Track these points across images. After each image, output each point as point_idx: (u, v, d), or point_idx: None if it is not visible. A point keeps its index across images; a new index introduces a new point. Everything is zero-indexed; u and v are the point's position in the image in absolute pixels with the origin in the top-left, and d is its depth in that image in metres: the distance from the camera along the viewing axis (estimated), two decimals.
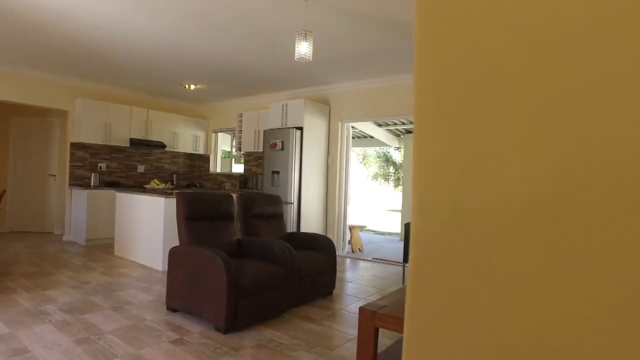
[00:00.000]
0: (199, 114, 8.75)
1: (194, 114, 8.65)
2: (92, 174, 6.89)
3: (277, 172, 6.08)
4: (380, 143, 10.16)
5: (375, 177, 19.43)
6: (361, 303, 3.91)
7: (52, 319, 3.14)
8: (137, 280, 4.37)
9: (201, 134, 8.46)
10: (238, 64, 5.53)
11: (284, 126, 6.24)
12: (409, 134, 9.45)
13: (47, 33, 4.51)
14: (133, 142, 7.13)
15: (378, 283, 4.83)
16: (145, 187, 7.13)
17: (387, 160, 19.11)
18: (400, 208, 19.47)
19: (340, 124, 6.55)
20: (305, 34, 3.34)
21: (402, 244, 8.83)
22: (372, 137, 9.66)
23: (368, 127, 8.68)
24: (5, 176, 7.34)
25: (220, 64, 5.54)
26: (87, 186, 6.64)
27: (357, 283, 4.78)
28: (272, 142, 6.15)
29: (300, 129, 6.05)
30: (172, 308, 3.39)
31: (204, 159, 8.69)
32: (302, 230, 5.99)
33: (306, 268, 3.74)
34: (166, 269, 4.82)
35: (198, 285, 3.09)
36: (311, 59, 3.42)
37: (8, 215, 7.31)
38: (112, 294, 3.83)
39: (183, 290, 3.22)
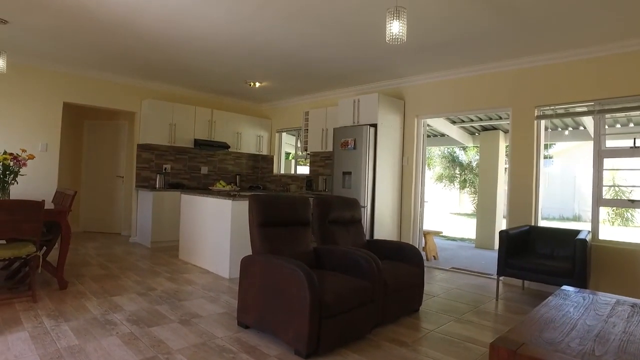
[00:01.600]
0: (262, 113, 8.52)
1: (258, 114, 8.42)
2: (158, 175, 6.82)
3: (349, 173, 5.62)
4: (453, 142, 9.41)
5: (439, 178, 18.44)
6: (455, 323, 3.35)
7: (120, 330, 2.88)
8: (203, 289, 4.07)
9: (264, 134, 8.21)
10: (309, 58, 5.13)
11: (355, 123, 5.77)
12: (486, 132, 8.63)
13: (115, 33, 4.36)
14: (197, 142, 6.98)
15: (467, 298, 4.22)
16: (210, 189, 6.96)
17: (453, 160, 18.05)
18: (470, 212, 18.44)
19: (416, 120, 5.98)
20: (398, 11, 2.85)
21: (478, 252, 8.08)
22: (444, 135, 8.95)
23: (442, 125, 8.01)
24: (79, 178, 7.48)
25: (290, 59, 5.18)
26: (152, 188, 6.56)
27: (443, 297, 4.19)
28: (343, 140, 5.70)
29: (374, 126, 5.55)
30: (244, 324, 3.01)
31: (268, 159, 8.43)
32: (376, 237, 5.48)
33: (392, 282, 3.24)
34: (233, 276, 4.55)
35: (275, 300, 2.69)
36: (405, 40, 2.91)
37: (81, 216, 7.44)
38: (179, 304, 3.54)
39: (257, 305, 2.83)
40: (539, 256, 4.30)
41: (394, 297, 3.27)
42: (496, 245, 8.62)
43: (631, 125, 6.70)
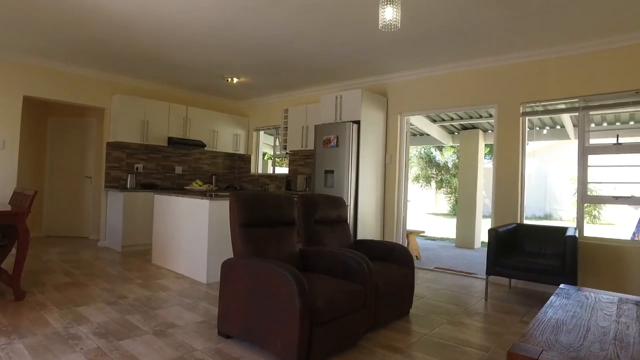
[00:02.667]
0: (239, 111, 8.23)
1: (235, 111, 8.13)
2: (129, 175, 6.44)
3: (331, 172, 5.42)
4: (432, 141, 9.35)
5: (416, 179, 18.50)
6: (447, 325, 3.19)
7: (85, 346, 2.57)
8: (179, 295, 3.79)
9: (242, 133, 7.92)
10: (289, 52, 4.91)
11: (338, 120, 5.58)
12: (466, 131, 8.61)
13: (82, 20, 4.02)
14: (171, 141, 6.65)
15: (456, 299, 4.08)
16: (186, 189, 6.65)
17: (430, 161, 18.12)
18: (446, 212, 18.54)
19: (399, 117, 5.84)
20: None
21: (459, 251, 8.02)
22: (426, 134, 8.87)
23: (422, 123, 7.92)
24: (42, 178, 7.00)
25: (270, 52, 4.94)
26: (123, 188, 6.18)
27: (432, 299, 4.04)
28: (325, 138, 5.50)
29: (357, 123, 5.37)
30: (225, 334, 2.76)
31: (245, 159, 8.15)
32: (359, 237, 5.30)
33: (384, 284, 3.05)
34: (211, 281, 4.27)
35: (261, 308, 2.45)
36: (399, 26, 2.74)
37: (45, 219, 6.97)
38: (153, 313, 3.25)
39: (241, 313, 2.59)
40: (528, 254, 4.20)
41: (386, 301, 3.09)
42: (477, 245, 8.61)
43: (618, 124, 6.77)
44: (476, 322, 3.39)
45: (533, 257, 4.08)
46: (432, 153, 18.20)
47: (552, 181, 16.68)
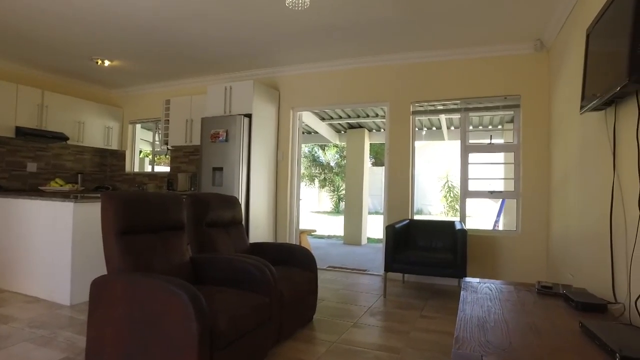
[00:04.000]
0: (112, 100, 7.20)
1: (106, 100, 7.08)
2: None
3: (220, 169, 4.96)
4: (321, 139, 9.37)
5: (301, 177, 18.65)
6: (354, 329, 3.02)
7: None
8: (30, 326, 2.98)
9: (115, 125, 6.94)
10: (173, 35, 4.33)
11: (227, 113, 5.14)
12: (353, 130, 8.79)
13: None
14: (21, 131, 5.47)
15: (355, 298, 4.00)
16: (42, 189, 5.54)
17: (314, 160, 18.41)
18: (329, 210, 18.98)
19: (291, 112, 5.62)
20: None
21: (348, 248, 8.12)
22: (314, 132, 8.84)
23: (311, 121, 7.84)
24: None
25: (151, 34, 4.30)
26: None
27: (332, 301, 3.89)
28: (213, 131, 5.01)
29: (249, 116, 5.00)
30: None
31: (118, 155, 7.16)
32: (252, 239, 4.95)
33: (289, 292, 2.78)
34: (77, 302, 3.52)
35: (145, 336, 1.98)
36: (308, 4, 2.47)
37: None
38: None
39: (119, 342, 2.07)
40: (421, 249, 4.32)
41: (291, 309, 2.81)
42: (363, 241, 8.85)
43: (490, 127, 7.48)
44: (380, 321, 3.31)
45: (427, 251, 4.19)
46: (316, 152, 18.51)
47: (422, 179, 18.11)
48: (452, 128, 8.05)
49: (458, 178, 4.82)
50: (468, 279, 2.68)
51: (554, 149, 4.11)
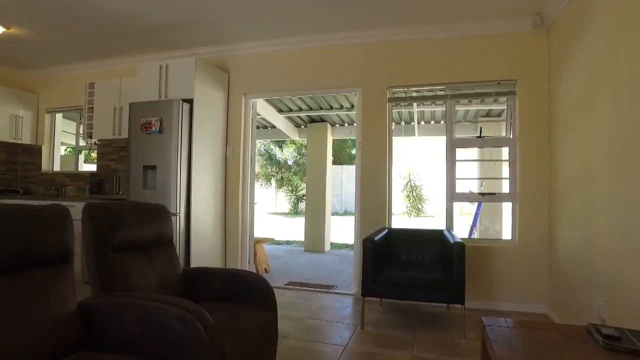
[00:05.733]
0: (24, 84, 5.89)
1: (16, 84, 5.77)
2: None
3: (153, 167, 3.94)
4: (279, 134, 8.42)
5: (256, 177, 17.50)
6: None
7: None
8: None
9: (27, 115, 5.68)
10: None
11: (163, 98, 4.12)
12: (314, 124, 7.93)
13: None
14: None
15: (327, 333, 3.15)
16: None
17: (270, 158, 17.36)
18: (287, 211, 18.01)
19: (243, 99, 4.68)
20: None
21: (310, 257, 7.16)
22: (271, 126, 7.92)
23: (268, 113, 6.90)
24: None
25: None
26: None
27: (297, 338, 3.01)
28: (144, 121, 3.98)
29: (190, 102, 4.02)
30: None
31: (33, 151, 5.89)
32: (194, 257, 3.97)
33: (233, 349, 1.86)
34: None
35: None
36: None
37: None
38: None
39: None
40: (404, 265, 3.53)
41: None
42: (327, 247, 8.02)
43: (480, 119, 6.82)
44: None
45: (412, 268, 3.41)
46: (272, 150, 17.48)
47: None
48: (423, 123, 7.37)
49: (423, 176, 4.12)
50: (489, 319, 1.90)
51: (558, 142, 3.44)
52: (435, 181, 15.05)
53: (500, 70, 3.83)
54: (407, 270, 3.34)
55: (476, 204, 6.43)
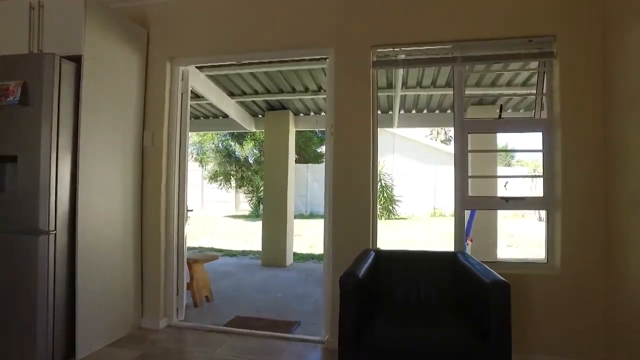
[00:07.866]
0: None
1: None
2: None
3: (9, 159, 2.53)
4: (231, 125, 7.00)
5: (214, 176, 15.95)
6: None
7: None
8: None
9: None
10: None
11: (33, 49, 2.71)
12: (273, 112, 6.61)
13: None
14: None
15: None
16: None
17: (229, 155, 15.80)
18: (247, 213, 16.51)
19: (169, 67, 3.33)
20: None
21: (268, 273, 5.68)
22: (222, 115, 6.55)
23: (217, 97, 5.52)
24: None
25: None
26: None
27: None
28: None
29: (77, 60, 2.63)
30: None
31: None
32: (82, 300, 2.59)
33: None
34: None
35: None
36: None
37: None
38: None
39: None
40: (403, 311, 2.29)
41: None
42: (289, 261, 6.71)
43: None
44: None
45: (415, 315, 2.18)
46: (231, 146, 15.92)
47: (316, 178, 16.06)
48: (403, 112, 6.20)
49: (392, 173, 2.96)
50: None
51: (622, 126, 2.33)
52: (409, 180, 14.09)
53: (532, 22, 2.68)
54: (408, 319, 2.11)
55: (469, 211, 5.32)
